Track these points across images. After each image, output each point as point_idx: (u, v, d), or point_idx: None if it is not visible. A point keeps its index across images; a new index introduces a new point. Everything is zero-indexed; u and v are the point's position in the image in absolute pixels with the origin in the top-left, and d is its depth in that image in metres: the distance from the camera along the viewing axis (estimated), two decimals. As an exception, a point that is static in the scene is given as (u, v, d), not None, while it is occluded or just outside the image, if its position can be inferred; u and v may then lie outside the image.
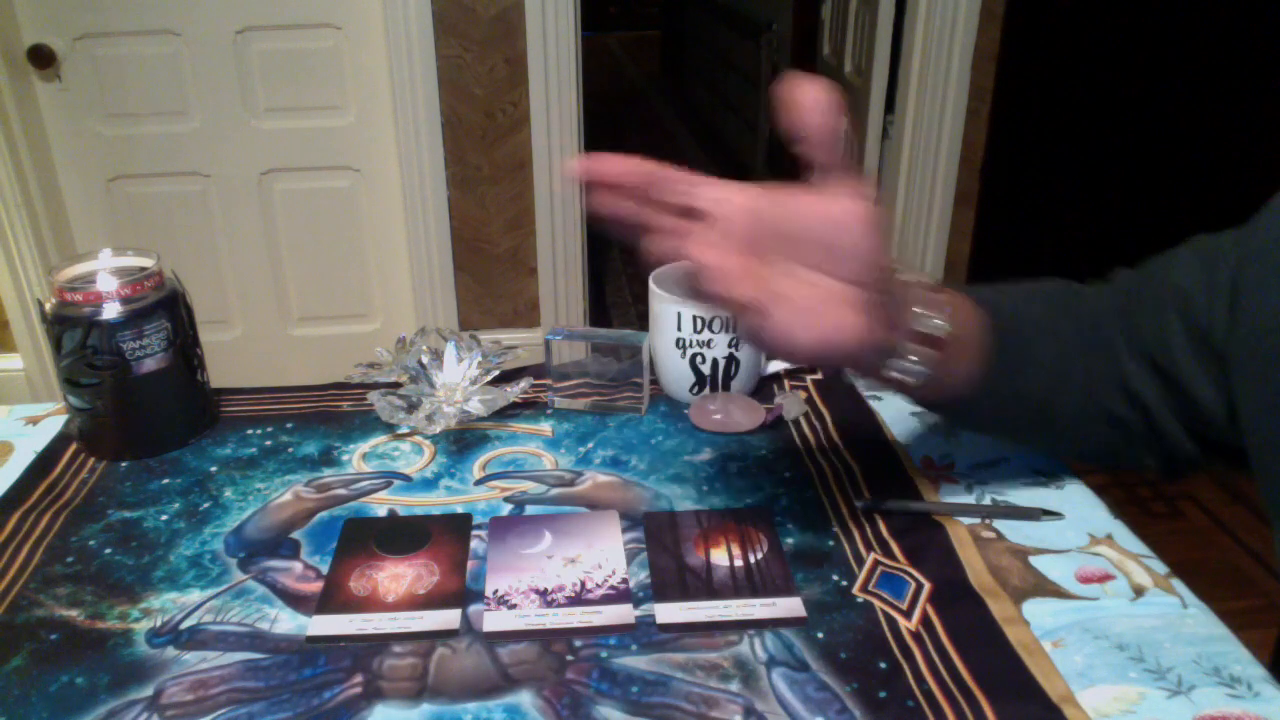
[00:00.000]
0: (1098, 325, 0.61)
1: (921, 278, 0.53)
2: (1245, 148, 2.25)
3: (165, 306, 0.72)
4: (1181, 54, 2.16)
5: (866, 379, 0.53)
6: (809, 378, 0.85)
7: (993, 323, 0.57)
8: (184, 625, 0.56)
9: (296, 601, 0.58)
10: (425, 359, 0.77)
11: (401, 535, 0.65)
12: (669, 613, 0.57)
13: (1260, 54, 2.16)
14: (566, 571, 0.61)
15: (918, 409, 0.75)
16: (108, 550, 0.63)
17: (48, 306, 0.70)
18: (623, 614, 0.57)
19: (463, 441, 0.76)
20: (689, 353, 0.79)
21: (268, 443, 0.76)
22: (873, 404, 0.80)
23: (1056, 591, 0.58)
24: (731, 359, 0.79)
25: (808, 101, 0.44)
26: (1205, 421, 0.58)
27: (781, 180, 0.46)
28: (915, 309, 0.51)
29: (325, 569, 0.61)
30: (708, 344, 0.78)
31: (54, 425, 0.78)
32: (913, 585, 0.58)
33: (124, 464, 0.73)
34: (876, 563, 0.61)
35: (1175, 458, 0.62)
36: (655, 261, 0.48)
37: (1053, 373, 0.60)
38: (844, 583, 0.59)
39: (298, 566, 0.62)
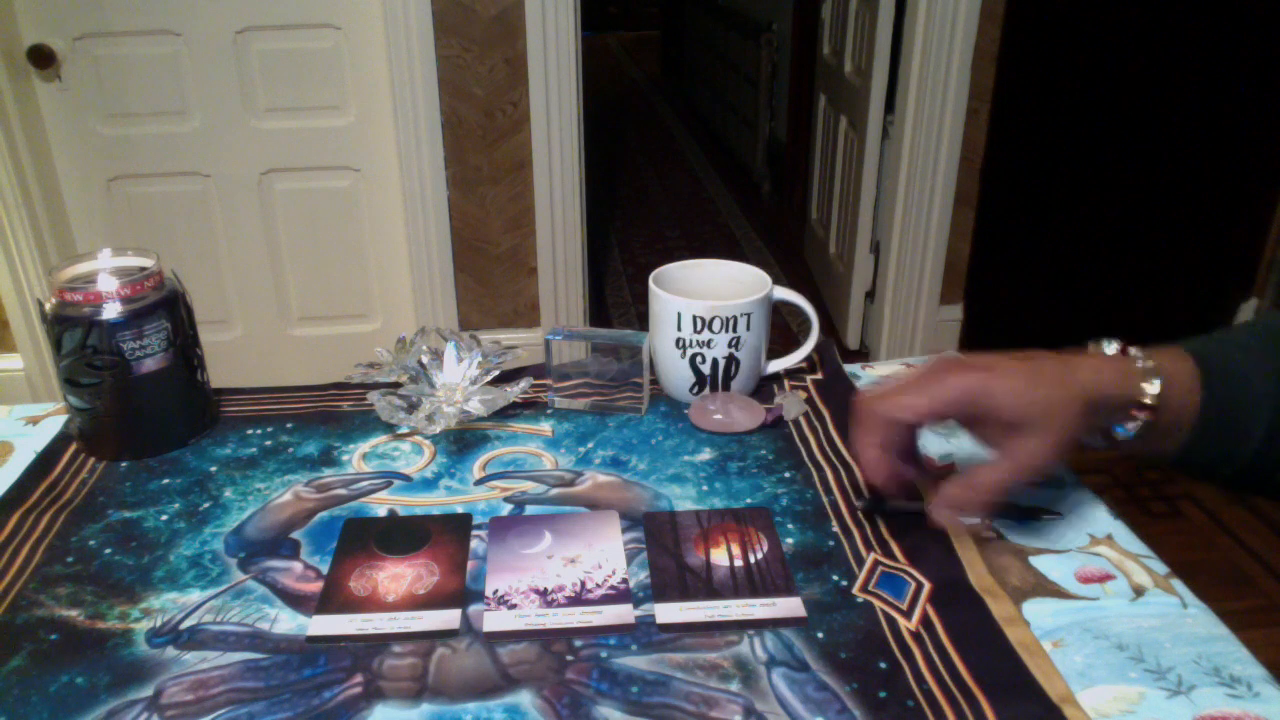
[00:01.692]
0: None
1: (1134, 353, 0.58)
2: (1246, 148, 2.26)
3: (165, 306, 0.72)
4: (1182, 53, 2.16)
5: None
6: (809, 377, 0.85)
7: (1205, 375, 0.59)
8: (184, 625, 0.56)
9: (296, 601, 0.58)
10: (425, 359, 0.77)
11: (401, 535, 0.65)
12: (669, 613, 0.57)
13: (1261, 53, 2.16)
14: (566, 571, 0.61)
15: None
16: (108, 550, 0.63)
17: (48, 306, 0.70)
18: (623, 614, 0.57)
19: (463, 441, 0.76)
20: (689, 353, 0.78)
21: (268, 443, 0.76)
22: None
23: (1056, 591, 0.58)
24: (731, 359, 0.79)
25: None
26: None
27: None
28: (1136, 382, 0.57)
29: (325, 569, 0.61)
30: (708, 344, 0.78)
31: (54, 425, 0.78)
32: (913, 585, 0.58)
33: (124, 464, 0.73)
34: (876, 563, 0.61)
35: None
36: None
37: (1275, 410, 0.59)
38: (844, 583, 0.59)
39: (298, 566, 0.62)
